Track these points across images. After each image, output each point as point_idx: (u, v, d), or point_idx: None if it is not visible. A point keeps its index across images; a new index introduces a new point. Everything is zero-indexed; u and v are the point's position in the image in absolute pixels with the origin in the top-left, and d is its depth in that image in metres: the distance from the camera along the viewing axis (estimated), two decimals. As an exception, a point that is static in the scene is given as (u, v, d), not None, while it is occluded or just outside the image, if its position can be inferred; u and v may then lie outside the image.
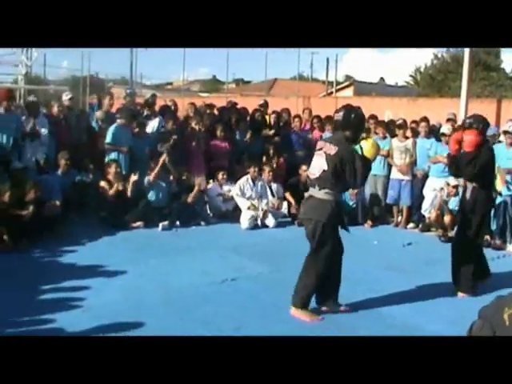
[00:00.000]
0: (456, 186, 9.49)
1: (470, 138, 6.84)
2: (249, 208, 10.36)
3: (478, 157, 6.82)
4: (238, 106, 13.51)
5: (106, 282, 6.85)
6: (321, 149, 5.99)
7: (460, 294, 6.87)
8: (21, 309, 5.85)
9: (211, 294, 6.59)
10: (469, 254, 6.94)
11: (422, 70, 36.38)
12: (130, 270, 7.34)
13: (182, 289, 6.71)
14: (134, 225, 9.69)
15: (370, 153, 5.89)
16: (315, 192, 5.94)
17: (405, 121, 11.52)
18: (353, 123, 5.92)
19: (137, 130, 10.81)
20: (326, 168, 5.84)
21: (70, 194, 9.51)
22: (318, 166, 5.95)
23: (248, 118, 12.65)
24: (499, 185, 9.38)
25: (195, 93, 35.92)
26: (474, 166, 6.84)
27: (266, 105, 13.43)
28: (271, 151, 11.71)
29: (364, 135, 6.92)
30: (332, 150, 5.84)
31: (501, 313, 3.34)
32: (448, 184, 9.70)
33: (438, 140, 10.57)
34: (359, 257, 8.42)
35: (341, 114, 5.99)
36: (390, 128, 11.52)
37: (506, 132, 9.58)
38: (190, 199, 10.26)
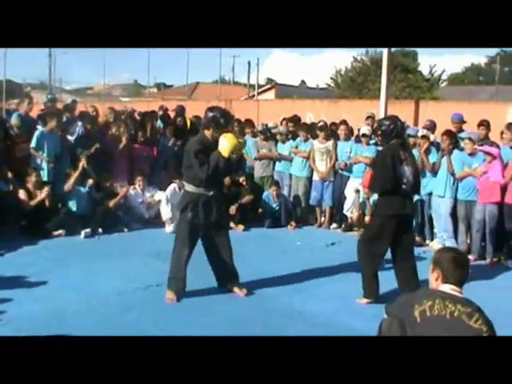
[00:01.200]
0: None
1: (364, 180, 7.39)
2: (165, 222, 10.28)
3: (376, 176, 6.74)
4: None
5: (26, 293, 6.66)
6: None
7: (362, 301, 6.71)
8: None
9: (136, 300, 6.53)
10: (372, 260, 6.75)
11: (342, 72, 36.84)
12: (51, 279, 7.18)
13: (106, 296, 6.62)
14: (55, 233, 9.45)
15: (224, 148, 6.32)
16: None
17: (325, 123, 11.67)
18: (211, 123, 6.49)
19: (62, 134, 10.54)
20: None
21: (-14, 203, 9.19)
22: None
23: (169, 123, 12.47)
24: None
25: (116, 97, 35.53)
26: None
27: (181, 109, 13.15)
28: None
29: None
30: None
31: (410, 310, 3.39)
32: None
33: (358, 141, 10.78)
34: (282, 258, 8.54)
35: (204, 115, 6.63)
36: (311, 130, 11.63)
37: (423, 137, 9.79)
38: (111, 205, 10.12)
